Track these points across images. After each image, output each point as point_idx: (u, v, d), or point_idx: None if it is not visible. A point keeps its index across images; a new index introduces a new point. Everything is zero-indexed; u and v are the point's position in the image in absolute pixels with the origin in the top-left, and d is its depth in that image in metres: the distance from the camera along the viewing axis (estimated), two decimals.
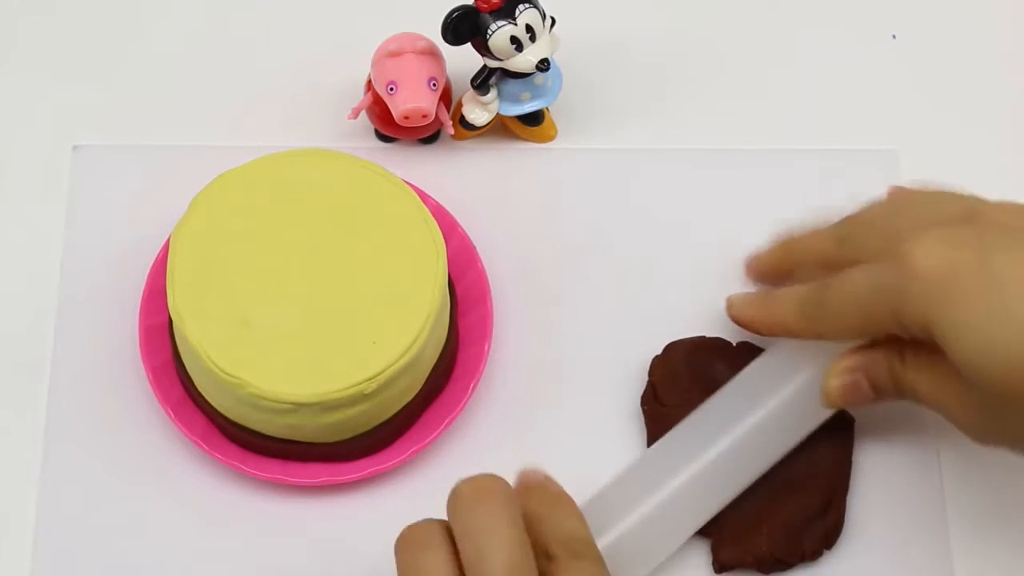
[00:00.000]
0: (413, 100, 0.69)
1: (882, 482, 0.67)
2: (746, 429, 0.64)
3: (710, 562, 0.65)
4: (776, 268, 0.67)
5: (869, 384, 0.62)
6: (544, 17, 0.68)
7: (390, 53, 0.70)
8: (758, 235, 0.72)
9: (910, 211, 0.62)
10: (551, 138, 0.75)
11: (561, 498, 0.60)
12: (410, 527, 0.58)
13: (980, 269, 0.56)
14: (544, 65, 0.68)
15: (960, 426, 0.60)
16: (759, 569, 0.65)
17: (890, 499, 0.67)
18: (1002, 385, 0.55)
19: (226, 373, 0.62)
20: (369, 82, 0.71)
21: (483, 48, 0.68)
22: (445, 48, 0.69)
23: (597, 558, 0.58)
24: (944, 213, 0.60)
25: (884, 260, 0.58)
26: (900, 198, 0.64)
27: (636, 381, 0.69)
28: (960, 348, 0.56)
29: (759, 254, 0.68)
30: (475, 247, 0.70)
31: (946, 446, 0.68)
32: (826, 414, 0.65)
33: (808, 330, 0.62)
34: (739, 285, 0.71)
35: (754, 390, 0.65)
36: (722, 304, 0.71)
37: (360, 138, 0.74)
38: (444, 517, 0.66)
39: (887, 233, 0.60)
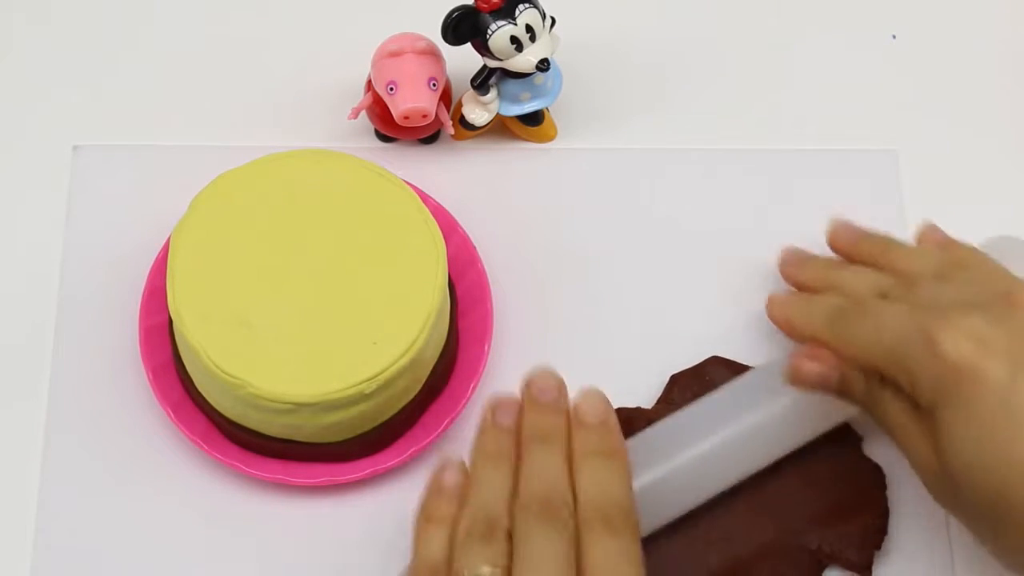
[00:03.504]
0: (413, 100, 0.69)
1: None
2: (741, 428, 0.64)
3: None
4: (809, 284, 0.67)
5: (839, 385, 0.62)
6: (544, 17, 0.68)
7: (390, 53, 0.70)
8: (757, 235, 0.72)
9: (958, 279, 0.62)
10: (551, 138, 0.75)
11: (615, 455, 0.59)
12: (484, 435, 0.60)
13: (1003, 388, 0.55)
14: (544, 65, 0.68)
15: (917, 472, 0.60)
16: None
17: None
18: (976, 495, 0.56)
19: (226, 373, 0.62)
20: (369, 82, 0.71)
21: (483, 48, 0.68)
22: (445, 48, 0.69)
23: (634, 533, 0.56)
24: (985, 293, 0.60)
25: (918, 319, 0.58)
26: (952, 259, 0.64)
27: (637, 379, 0.69)
28: (952, 448, 0.56)
29: (797, 259, 0.69)
30: (475, 247, 0.70)
31: None
32: (823, 427, 0.65)
33: (832, 344, 0.62)
34: (736, 286, 0.71)
35: (753, 393, 0.65)
36: (720, 304, 0.71)
37: (360, 138, 0.74)
38: None
39: (928, 297, 0.61)
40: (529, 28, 0.68)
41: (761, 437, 0.64)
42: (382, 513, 0.67)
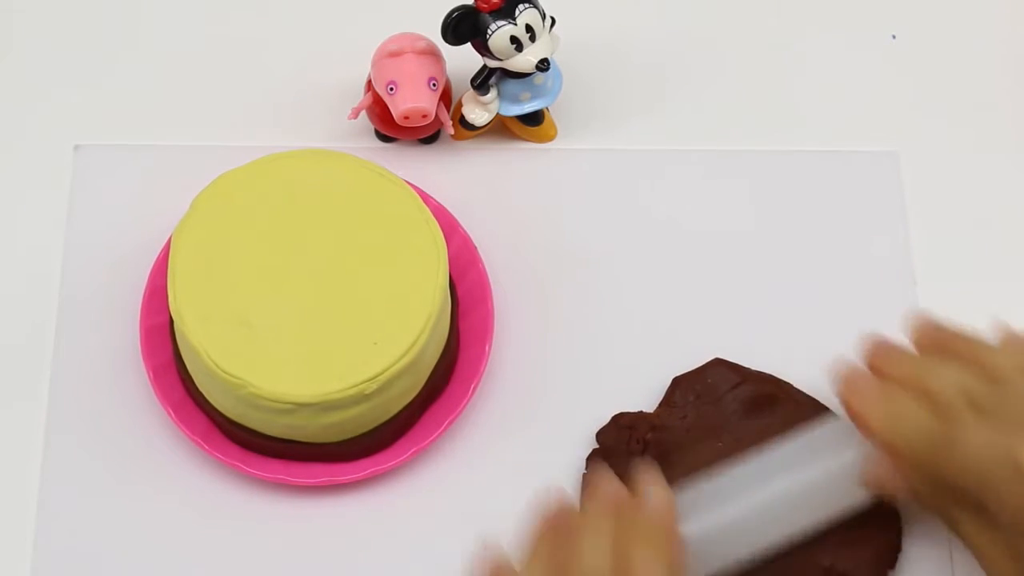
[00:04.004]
0: (413, 100, 0.69)
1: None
2: (791, 484, 0.63)
3: None
4: (897, 381, 0.62)
5: (911, 494, 0.61)
6: (544, 17, 0.68)
7: (390, 53, 0.70)
8: (758, 236, 0.72)
9: None
10: (551, 138, 0.75)
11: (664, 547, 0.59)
12: (558, 514, 0.60)
13: None
14: (544, 65, 0.68)
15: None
16: None
17: None
18: None
19: (226, 373, 0.62)
20: (369, 82, 0.71)
21: (483, 48, 0.68)
22: (445, 48, 0.69)
23: None
24: None
25: (1005, 443, 0.57)
26: None
27: (637, 380, 0.69)
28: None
29: (884, 351, 0.63)
30: (476, 247, 0.70)
31: None
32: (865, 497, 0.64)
33: (924, 461, 0.60)
34: (737, 287, 0.71)
35: (804, 454, 0.63)
36: (721, 306, 0.71)
37: (360, 138, 0.74)
38: (443, 516, 0.66)
39: (1017, 406, 0.59)
40: (529, 28, 0.68)
41: (821, 495, 0.63)
42: (382, 513, 0.67)
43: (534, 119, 0.73)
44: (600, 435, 0.67)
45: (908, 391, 0.61)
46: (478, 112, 0.72)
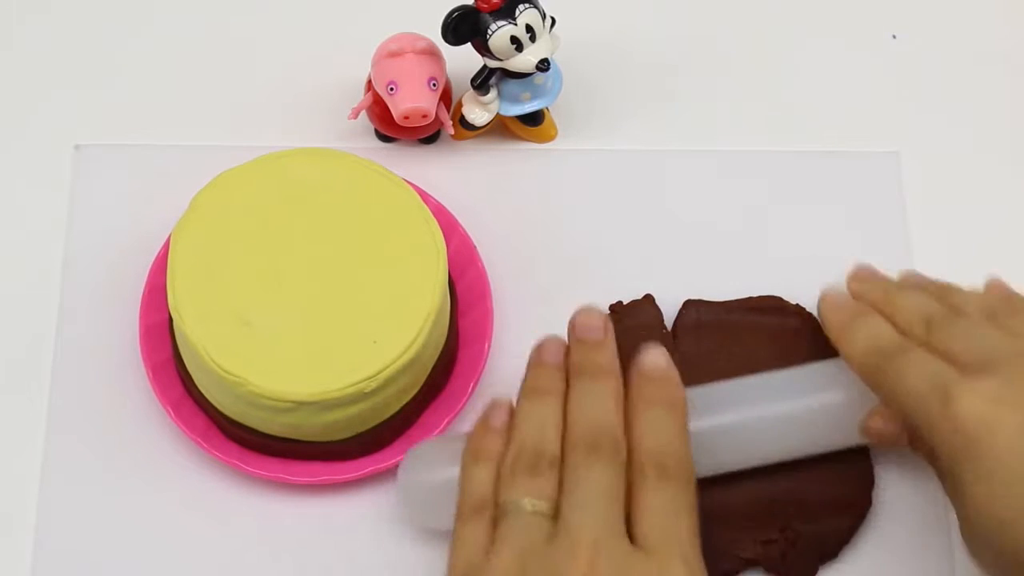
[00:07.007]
0: (413, 100, 0.69)
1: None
2: (780, 411, 0.63)
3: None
4: (869, 303, 0.64)
5: (908, 439, 0.62)
6: (544, 17, 0.68)
7: (390, 53, 0.70)
8: (758, 237, 0.72)
9: (1005, 325, 0.60)
10: (551, 138, 0.75)
11: (675, 407, 0.59)
12: (530, 373, 0.61)
13: (1018, 441, 0.54)
14: (544, 65, 0.68)
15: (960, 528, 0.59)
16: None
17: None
18: (1002, 557, 0.55)
19: (226, 371, 0.62)
20: (369, 82, 0.71)
21: (483, 48, 0.68)
22: (445, 48, 0.69)
23: (689, 483, 0.57)
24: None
25: (941, 371, 0.57)
26: (1010, 305, 0.62)
27: None
28: (972, 504, 0.55)
29: (864, 275, 0.66)
30: (475, 246, 0.70)
31: None
32: (851, 441, 0.64)
33: (864, 376, 0.61)
34: (737, 288, 0.71)
35: (797, 385, 0.64)
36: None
37: (360, 138, 0.74)
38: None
39: (965, 338, 0.59)
40: (529, 28, 0.68)
41: (820, 423, 0.64)
42: (382, 512, 0.67)
43: (534, 119, 0.73)
44: None
45: (878, 308, 0.63)
46: (478, 112, 0.72)
